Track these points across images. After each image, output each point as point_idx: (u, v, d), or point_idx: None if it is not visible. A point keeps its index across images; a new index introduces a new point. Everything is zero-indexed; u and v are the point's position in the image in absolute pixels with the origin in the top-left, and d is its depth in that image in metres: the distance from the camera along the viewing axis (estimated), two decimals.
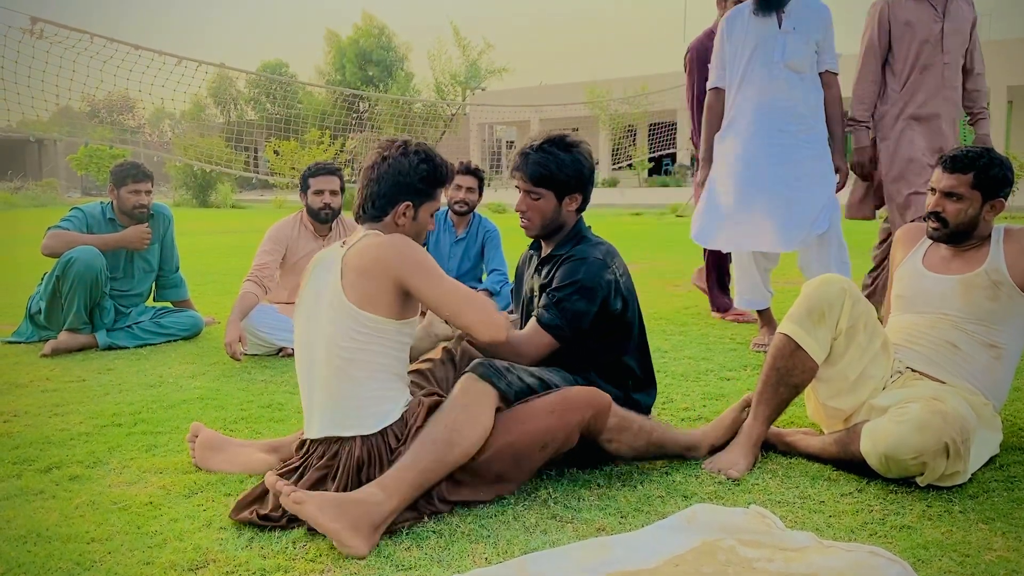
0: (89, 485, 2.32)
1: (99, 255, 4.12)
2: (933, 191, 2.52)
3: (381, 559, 1.84)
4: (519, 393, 2.15)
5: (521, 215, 2.52)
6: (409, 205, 2.19)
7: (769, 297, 4.09)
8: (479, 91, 35.12)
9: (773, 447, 2.51)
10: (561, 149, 2.45)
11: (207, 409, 3.09)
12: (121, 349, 4.18)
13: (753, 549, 1.80)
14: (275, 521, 1.98)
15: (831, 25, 3.88)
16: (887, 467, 2.17)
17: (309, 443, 2.15)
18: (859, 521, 2.01)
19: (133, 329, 4.29)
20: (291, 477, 2.11)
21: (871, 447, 2.19)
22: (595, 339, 2.43)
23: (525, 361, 2.30)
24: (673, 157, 30.82)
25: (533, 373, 2.23)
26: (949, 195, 2.47)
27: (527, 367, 2.26)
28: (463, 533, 1.96)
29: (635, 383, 2.53)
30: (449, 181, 2.28)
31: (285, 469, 2.16)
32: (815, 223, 3.79)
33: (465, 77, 34.76)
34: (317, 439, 2.11)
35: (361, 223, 2.24)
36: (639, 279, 6.31)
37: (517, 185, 2.49)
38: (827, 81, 3.90)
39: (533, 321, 2.39)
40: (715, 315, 4.85)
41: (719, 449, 2.45)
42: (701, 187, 4.12)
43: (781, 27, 3.80)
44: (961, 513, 2.04)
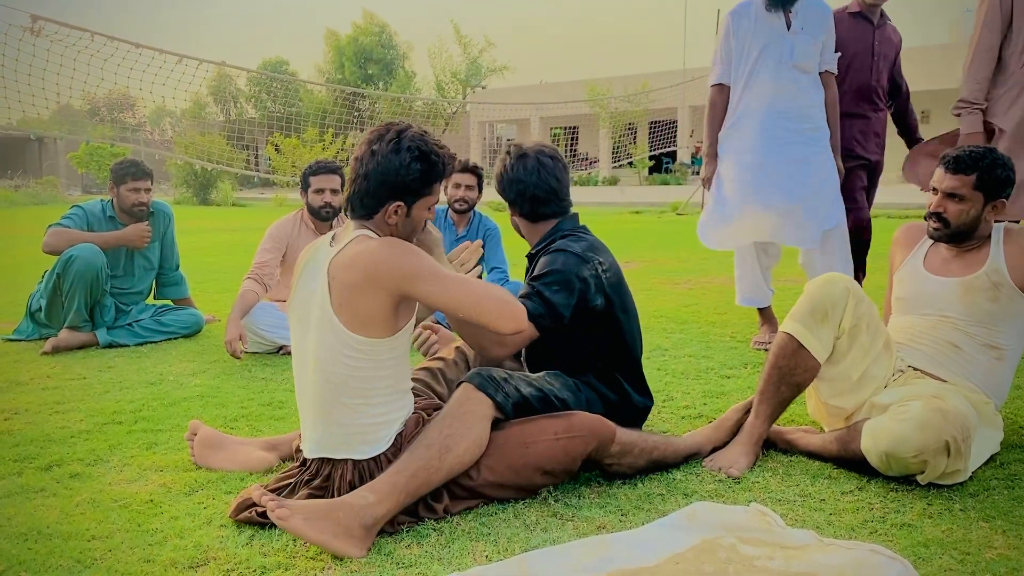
0: (90, 483, 2.32)
1: (100, 253, 4.12)
2: (935, 191, 2.51)
3: (382, 556, 1.84)
4: (516, 404, 2.13)
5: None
6: (400, 205, 2.01)
7: (770, 295, 4.09)
8: (479, 89, 35.14)
9: (773, 445, 2.51)
10: (506, 166, 2.51)
11: (207, 407, 3.09)
12: (121, 347, 4.18)
13: (754, 547, 1.80)
14: None
15: (833, 25, 3.87)
16: (888, 465, 2.17)
17: (303, 459, 2.11)
18: (860, 519, 2.01)
19: (133, 327, 4.29)
20: (283, 492, 2.07)
21: (872, 445, 2.18)
22: (582, 333, 2.40)
23: (505, 351, 2.26)
24: (673, 155, 30.81)
25: (532, 383, 2.21)
26: (951, 196, 2.45)
27: (526, 376, 2.23)
28: (463, 531, 1.96)
29: (634, 385, 2.51)
30: (449, 173, 2.09)
31: (278, 485, 2.10)
32: (827, 218, 3.81)
33: (466, 75, 34.79)
34: (311, 457, 2.08)
35: (351, 219, 2.09)
36: (639, 277, 6.37)
37: None
38: (826, 81, 3.88)
39: None
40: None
41: (720, 447, 2.45)
42: (705, 184, 4.10)
43: (790, 29, 3.78)
44: (962, 511, 2.04)
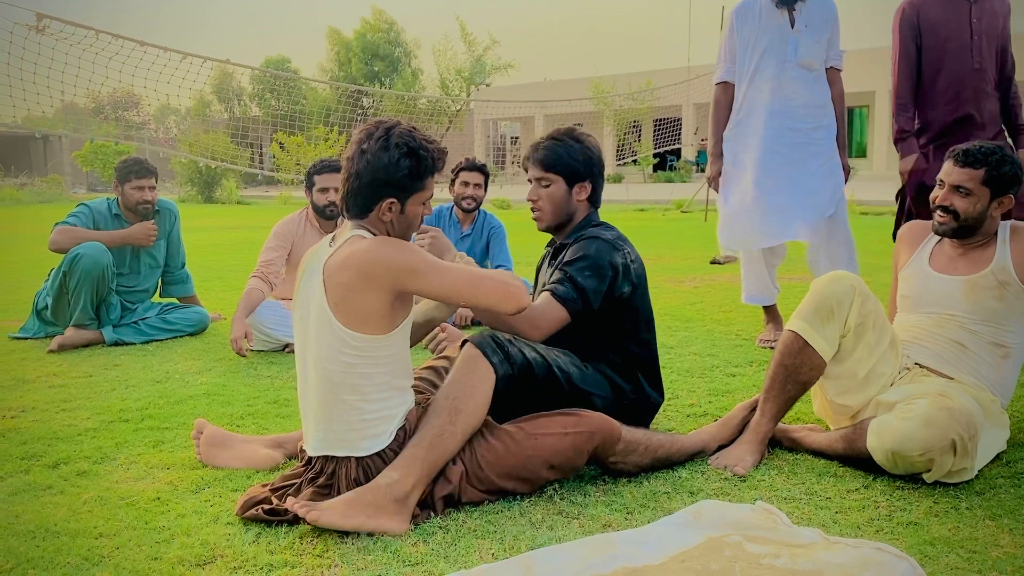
0: (97, 480, 2.33)
1: (105, 251, 4.13)
2: (942, 183, 2.50)
3: (387, 554, 1.84)
4: (519, 366, 2.15)
5: (532, 206, 2.56)
6: (394, 202, 2.05)
7: (775, 293, 4.08)
8: (484, 87, 35.11)
9: (779, 443, 2.50)
10: (571, 139, 2.54)
11: (213, 405, 3.10)
12: (127, 345, 4.19)
13: (759, 545, 1.80)
14: (282, 516, 1.98)
15: (838, 21, 3.86)
16: (894, 463, 2.16)
17: (307, 457, 2.13)
18: (865, 517, 2.00)
19: (139, 325, 4.30)
20: (288, 491, 2.09)
21: (878, 443, 2.18)
22: (602, 321, 2.42)
23: (538, 334, 2.29)
24: (678, 153, 30.77)
25: (537, 350, 2.24)
26: (958, 189, 2.45)
27: (533, 344, 2.25)
28: (469, 529, 1.96)
29: (649, 379, 2.53)
30: (441, 168, 2.12)
31: (283, 484, 2.11)
32: (827, 207, 3.82)
33: (470, 73, 34.75)
34: (314, 456, 2.10)
35: (347, 219, 2.12)
36: None
37: (529, 178, 2.55)
38: (831, 78, 3.87)
39: (547, 294, 2.37)
40: None
41: (726, 445, 2.45)
42: (710, 182, 4.10)
43: (794, 27, 3.77)
44: (968, 509, 2.03)
